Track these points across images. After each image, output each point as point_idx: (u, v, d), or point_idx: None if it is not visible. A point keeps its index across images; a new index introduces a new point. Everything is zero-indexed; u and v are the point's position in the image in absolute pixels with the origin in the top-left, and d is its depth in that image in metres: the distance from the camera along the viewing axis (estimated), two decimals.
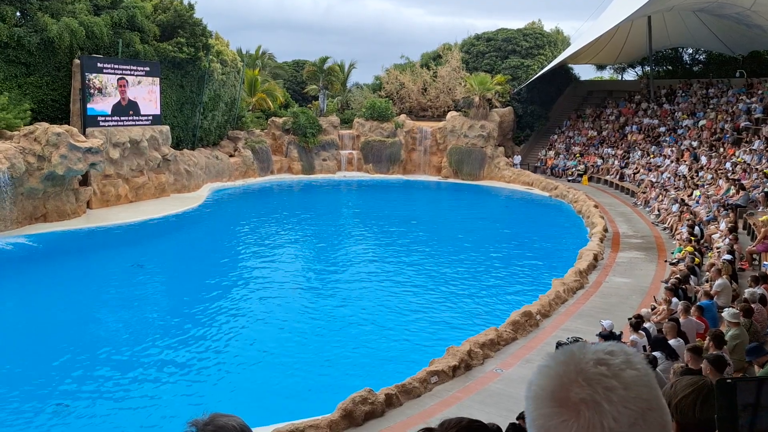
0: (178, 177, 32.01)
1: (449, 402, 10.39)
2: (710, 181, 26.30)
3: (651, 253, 20.85)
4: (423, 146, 42.69)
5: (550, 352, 1.26)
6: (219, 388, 12.00)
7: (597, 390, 1.10)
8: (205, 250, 23.44)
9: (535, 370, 1.22)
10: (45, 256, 20.78)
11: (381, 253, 23.27)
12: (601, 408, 1.09)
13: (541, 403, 1.15)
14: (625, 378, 1.12)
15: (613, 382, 1.11)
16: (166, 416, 10.74)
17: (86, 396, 11.45)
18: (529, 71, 43.55)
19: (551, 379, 1.16)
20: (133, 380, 12.14)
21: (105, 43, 28.19)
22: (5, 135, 22.82)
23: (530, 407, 1.18)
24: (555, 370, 1.16)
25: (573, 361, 1.16)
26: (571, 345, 1.23)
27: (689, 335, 10.40)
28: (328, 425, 9.24)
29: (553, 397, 1.13)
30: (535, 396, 1.17)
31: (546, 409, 1.14)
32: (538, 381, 1.18)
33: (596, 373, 1.12)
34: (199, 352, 13.67)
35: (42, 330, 14.63)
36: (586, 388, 1.11)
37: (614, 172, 36.52)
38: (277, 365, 13.02)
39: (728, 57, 41.71)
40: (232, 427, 1.74)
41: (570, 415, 1.10)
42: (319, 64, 46.22)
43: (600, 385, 1.11)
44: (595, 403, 1.09)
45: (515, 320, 13.59)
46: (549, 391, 1.14)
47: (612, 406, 1.09)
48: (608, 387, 1.10)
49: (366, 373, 12.48)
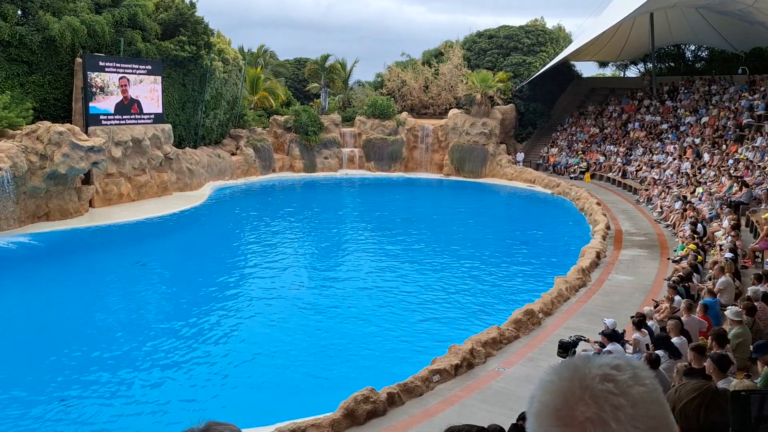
0: (180, 175, 32.02)
1: (451, 401, 10.38)
2: (713, 179, 26.25)
3: (654, 250, 20.82)
4: (425, 144, 42.65)
5: (552, 365, 1.20)
6: (221, 386, 12.00)
7: (604, 408, 1.06)
8: (207, 249, 23.45)
9: (538, 384, 1.17)
10: (48, 255, 20.81)
11: (382, 252, 23.25)
12: (608, 428, 1.05)
13: (544, 420, 1.11)
14: (633, 395, 1.08)
15: (621, 400, 1.07)
16: (167, 413, 10.74)
17: (88, 394, 11.47)
18: (531, 68, 43.47)
19: (555, 396, 1.11)
20: (136, 379, 12.15)
21: (107, 42, 28.20)
22: (7, 134, 22.85)
23: (533, 424, 1.14)
24: (559, 385, 1.12)
25: (578, 377, 1.11)
26: (574, 359, 1.18)
27: (692, 333, 10.38)
28: (330, 424, 9.24)
29: (558, 415, 1.09)
30: (538, 413, 1.13)
31: (550, 427, 1.10)
32: (540, 397, 1.14)
33: (603, 390, 1.08)
34: (202, 350, 13.68)
35: (44, 329, 14.65)
36: (593, 407, 1.07)
37: (617, 170, 36.46)
38: (278, 364, 13.02)
39: (731, 54, 41.62)
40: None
41: None
42: (320, 62, 46.18)
43: (607, 403, 1.07)
44: (602, 422, 1.05)
45: (517, 318, 13.57)
46: (553, 408, 1.10)
47: (620, 426, 1.05)
48: (616, 405, 1.06)
49: (368, 371, 12.48)
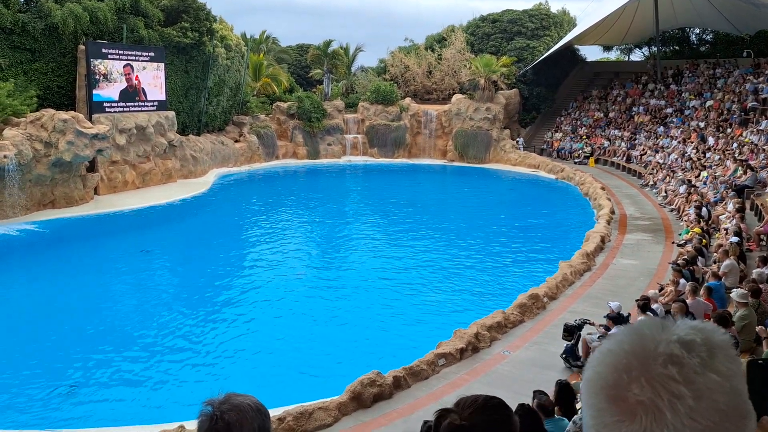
0: (184, 163, 32.05)
1: (457, 384, 10.46)
2: (718, 162, 26.18)
3: (658, 234, 20.82)
4: (428, 129, 42.54)
5: (622, 329, 1.06)
6: (227, 372, 12.10)
7: (660, 395, 0.94)
8: (212, 236, 23.51)
9: (600, 349, 1.07)
10: (53, 242, 20.91)
11: (387, 237, 23.31)
12: (662, 416, 0.93)
13: (594, 392, 1.01)
14: (699, 385, 0.94)
15: (682, 390, 0.94)
16: (177, 401, 10.85)
17: (95, 379, 11.58)
18: (535, 53, 43.25)
19: (609, 369, 1.00)
20: (141, 364, 12.26)
21: (109, 29, 28.13)
22: (12, 122, 22.87)
23: (585, 392, 1.04)
24: (617, 358, 1.00)
25: (641, 352, 0.99)
26: (645, 324, 1.05)
27: (697, 316, 10.41)
28: (337, 407, 9.32)
29: (608, 392, 0.99)
30: (591, 382, 1.03)
31: (598, 400, 1.00)
32: (596, 366, 1.03)
33: (664, 375, 0.95)
34: (207, 336, 13.78)
35: (50, 315, 14.75)
36: (648, 391, 0.95)
37: (621, 154, 36.36)
38: (285, 348, 13.12)
39: (735, 37, 41.31)
40: (247, 405, 1.76)
41: (624, 416, 0.96)
42: (323, 48, 46.01)
43: (665, 389, 0.94)
44: (656, 409, 0.94)
45: (522, 303, 13.63)
46: (604, 382, 1.00)
47: (675, 417, 0.93)
48: (676, 394, 0.94)
49: (373, 355, 12.56)
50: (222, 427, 1.67)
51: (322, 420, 9.07)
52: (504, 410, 1.82)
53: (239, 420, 1.69)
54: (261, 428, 1.73)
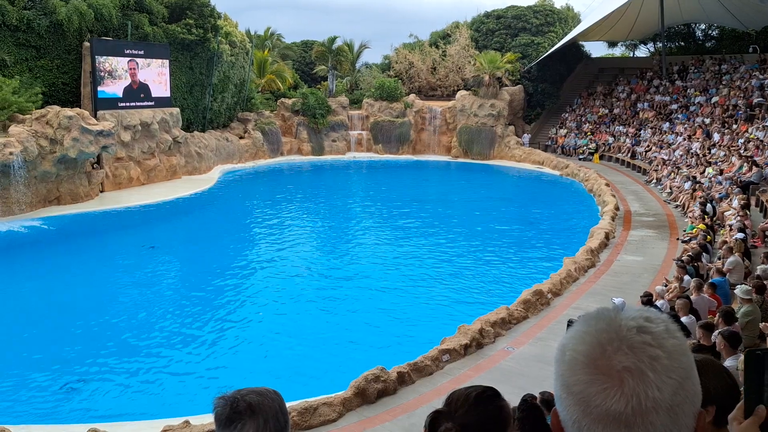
0: (189, 159, 32.11)
1: (461, 380, 10.47)
2: (723, 159, 26.10)
3: (663, 231, 20.78)
4: (432, 126, 42.51)
5: (584, 315, 1.23)
6: (231, 367, 12.15)
7: (642, 359, 1.10)
8: (217, 232, 23.57)
9: (570, 334, 1.20)
10: (59, 239, 20.99)
11: (391, 233, 23.32)
12: (645, 377, 1.09)
13: (579, 369, 1.14)
14: (668, 347, 1.12)
15: (657, 352, 1.11)
16: (182, 396, 10.90)
17: (100, 374, 11.64)
18: (540, 49, 43.14)
19: (591, 346, 1.14)
20: (146, 360, 12.32)
21: (114, 26, 28.16)
22: (17, 119, 22.94)
23: (564, 372, 1.16)
24: (596, 336, 1.15)
25: (614, 328, 1.14)
26: (603, 310, 1.21)
27: (701, 312, 10.41)
28: (342, 402, 9.36)
29: (595, 364, 1.12)
30: (571, 360, 1.16)
31: (584, 375, 1.13)
32: (574, 346, 1.17)
33: (640, 341, 1.12)
34: (211, 332, 13.83)
35: (56, 311, 14.82)
36: (631, 357, 1.10)
37: (626, 150, 36.28)
38: (289, 344, 13.16)
39: (741, 32, 41.09)
40: (265, 389, 1.78)
41: (612, 383, 1.10)
42: (327, 45, 45.99)
43: (645, 353, 1.10)
44: (640, 372, 1.09)
45: (526, 299, 13.63)
46: (589, 358, 1.13)
47: (656, 375, 1.09)
48: (653, 356, 1.10)
49: (378, 351, 12.60)
50: (244, 408, 1.68)
51: (327, 415, 9.10)
52: (495, 401, 1.84)
53: (260, 401, 1.71)
54: (281, 409, 1.75)
